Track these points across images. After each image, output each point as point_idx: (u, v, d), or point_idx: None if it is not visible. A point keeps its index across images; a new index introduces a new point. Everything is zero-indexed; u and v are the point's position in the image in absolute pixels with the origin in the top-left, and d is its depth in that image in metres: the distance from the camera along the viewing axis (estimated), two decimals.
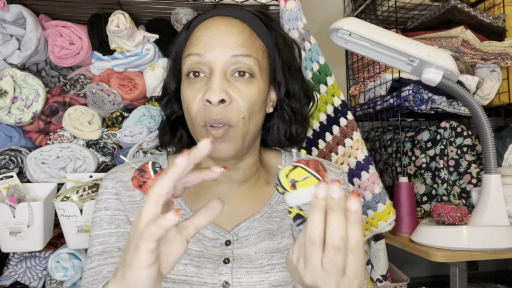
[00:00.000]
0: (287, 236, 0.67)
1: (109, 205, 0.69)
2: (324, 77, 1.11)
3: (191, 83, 0.64)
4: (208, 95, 0.60)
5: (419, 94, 1.25)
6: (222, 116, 0.61)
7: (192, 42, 0.66)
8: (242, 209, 0.70)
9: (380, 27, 0.96)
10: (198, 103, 0.63)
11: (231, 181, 0.71)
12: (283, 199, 0.70)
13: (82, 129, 1.13)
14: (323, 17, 1.65)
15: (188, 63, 0.65)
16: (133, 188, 0.69)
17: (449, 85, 0.94)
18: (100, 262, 0.65)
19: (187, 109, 0.65)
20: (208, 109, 0.62)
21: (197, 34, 0.65)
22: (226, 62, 0.63)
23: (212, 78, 0.62)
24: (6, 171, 1.09)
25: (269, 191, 0.73)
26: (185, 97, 0.65)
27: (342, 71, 1.77)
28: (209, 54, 0.63)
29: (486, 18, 1.38)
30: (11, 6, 1.07)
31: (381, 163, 1.56)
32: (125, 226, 0.68)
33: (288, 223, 0.69)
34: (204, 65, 0.63)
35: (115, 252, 0.66)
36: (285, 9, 1.11)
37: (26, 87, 1.10)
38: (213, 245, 0.67)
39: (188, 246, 0.64)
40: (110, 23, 1.08)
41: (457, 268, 1.00)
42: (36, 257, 1.17)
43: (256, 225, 0.68)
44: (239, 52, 0.63)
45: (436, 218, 1.06)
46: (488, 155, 0.99)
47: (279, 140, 0.73)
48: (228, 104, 0.62)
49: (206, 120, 0.62)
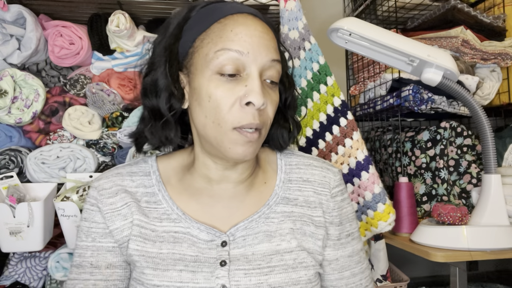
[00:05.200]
0: (287, 240, 0.66)
1: (88, 216, 0.68)
2: (324, 77, 1.11)
3: (223, 82, 0.60)
4: (253, 98, 0.59)
5: (419, 94, 1.25)
6: (260, 121, 0.61)
7: (228, 36, 0.60)
8: (238, 210, 0.68)
9: (380, 27, 0.96)
10: (233, 104, 0.59)
11: (228, 182, 0.69)
12: (281, 200, 0.69)
13: (82, 129, 1.13)
14: (323, 17, 1.65)
15: (223, 59, 0.60)
16: (115, 194, 0.67)
17: (449, 85, 0.94)
18: (76, 275, 0.67)
19: (215, 109, 0.60)
20: (245, 111, 0.59)
21: (235, 29, 0.61)
22: (265, 65, 0.61)
23: (253, 81, 0.60)
24: (6, 171, 1.09)
25: (266, 191, 0.71)
26: (216, 97, 0.60)
27: (342, 71, 1.77)
28: (251, 55, 0.60)
29: (486, 18, 1.38)
30: (11, 6, 1.07)
31: (381, 163, 1.56)
32: (101, 239, 0.67)
33: (289, 227, 0.67)
34: (242, 65, 0.60)
35: (88, 267, 0.66)
36: (285, 9, 1.11)
37: (26, 87, 1.10)
38: (209, 247, 0.65)
39: (183, 251, 0.64)
40: (110, 23, 1.08)
41: (457, 268, 1.00)
42: (36, 257, 1.17)
43: (254, 225, 0.67)
44: (276, 57, 0.63)
45: (436, 218, 1.06)
46: (488, 155, 0.99)
47: (281, 143, 0.73)
48: (264, 109, 0.62)
49: (243, 123, 0.59)
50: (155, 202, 0.68)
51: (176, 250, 0.64)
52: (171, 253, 0.64)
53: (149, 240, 0.65)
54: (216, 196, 0.68)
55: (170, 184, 0.70)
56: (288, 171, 0.73)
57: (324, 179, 0.72)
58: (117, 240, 0.67)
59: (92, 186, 0.70)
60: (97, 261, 0.67)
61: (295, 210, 0.69)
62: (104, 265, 0.66)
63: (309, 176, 0.72)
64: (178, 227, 0.66)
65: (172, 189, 0.69)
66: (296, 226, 0.67)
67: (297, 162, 0.74)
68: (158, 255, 0.64)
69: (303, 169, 0.73)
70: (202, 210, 0.67)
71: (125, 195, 0.67)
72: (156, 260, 0.63)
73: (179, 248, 0.64)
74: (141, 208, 0.67)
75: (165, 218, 0.66)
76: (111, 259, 0.67)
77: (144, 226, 0.66)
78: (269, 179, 0.72)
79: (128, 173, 0.70)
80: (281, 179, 0.71)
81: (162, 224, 0.66)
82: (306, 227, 0.68)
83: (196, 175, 0.69)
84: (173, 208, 0.67)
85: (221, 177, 0.68)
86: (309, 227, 0.68)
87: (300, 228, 0.67)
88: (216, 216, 0.67)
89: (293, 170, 0.73)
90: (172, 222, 0.66)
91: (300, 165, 0.73)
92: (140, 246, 0.65)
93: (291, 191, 0.71)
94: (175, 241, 0.65)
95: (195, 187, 0.69)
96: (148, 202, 0.68)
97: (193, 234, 0.65)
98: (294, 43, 1.13)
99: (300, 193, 0.71)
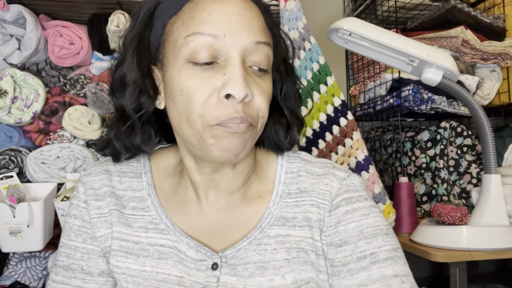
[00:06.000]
0: (281, 275, 0.55)
1: (78, 214, 0.61)
2: (324, 77, 1.11)
3: (196, 71, 0.50)
4: (232, 89, 0.48)
5: (419, 94, 1.25)
6: (245, 114, 0.50)
7: (201, 17, 0.50)
8: (227, 228, 0.59)
9: (380, 27, 0.96)
10: (209, 97, 0.49)
11: (217, 189, 0.59)
12: (276, 220, 0.58)
13: (82, 129, 1.13)
14: (323, 17, 1.65)
15: (195, 45, 0.49)
16: (103, 197, 0.60)
17: (449, 85, 0.94)
18: (64, 279, 0.59)
19: (187, 103, 0.50)
20: (224, 105, 0.49)
21: (208, 7, 0.50)
22: (247, 49, 0.50)
23: (233, 68, 0.49)
24: (6, 171, 1.09)
25: (260, 207, 0.59)
26: (188, 89, 0.50)
27: (342, 71, 1.77)
28: (229, 37, 0.49)
29: (486, 18, 1.38)
30: (11, 6, 1.07)
31: (381, 163, 1.56)
32: (92, 242, 0.60)
33: (283, 258, 0.56)
34: (219, 50, 0.49)
35: (78, 272, 0.59)
36: (285, 9, 1.11)
37: (26, 87, 1.10)
38: (197, 268, 0.56)
39: (168, 270, 0.57)
40: (110, 23, 1.08)
41: (457, 268, 1.00)
42: (36, 257, 1.17)
43: (243, 255, 0.56)
44: (261, 38, 0.52)
45: (436, 218, 1.06)
46: (488, 155, 0.99)
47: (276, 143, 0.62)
48: (249, 101, 0.50)
49: (222, 118, 0.49)
50: (142, 208, 0.60)
51: (161, 269, 0.57)
52: (154, 272, 0.57)
53: (131, 254, 0.58)
54: (203, 207, 0.60)
55: (161, 189, 0.61)
56: (288, 182, 0.60)
57: (326, 187, 0.58)
58: (102, 249, 0.60)
59: (80, 180, 0.62)
60: (89, 266, 0.59)
61: (292, 234, 0.57)
62: (97, 272, 0.59)
63: (307, 185, 0.59)
64: (165, 239, 0.58)
65: (162, 194, 0.61)
66: (291, 255, 0.56)
67: (299, 169, 0.61)
68: (140, 273, 0.57)
69: (303, 176, 0.60)
70: (189, 222, 0.59)
71: (111, 200, 0.60)
72: (137, 280, 0.57)
73: (164, 266, 0.57)
74: (125, 217, 0.60)
75: (151, 228, 0.59)
76: (103, 266, 0.60)
77: (125, 238, 0.59)
78: (264, 193, 0.60)
79: (117, 172, 0.62)
80: (278, 192, 0.60)
81: (148, 235, 0.58)
82: (305, 255, 0.57)
83: (184, 181, 0.61)
84: (162, 216, 0.59)
85: (208, 184, 0.58)
86: (309, 255, 0.57)
87: (297, 256, 0.56)
88: (204, 232, 0.58)
89: (294, 180, 0.61)
90: (159, 233, 0.58)
91: (301, 172, 0.61)
92: (121, 262, 0.58)
93: (290, 207, 0.59)
94: (160, 257, 0.57)
95: (183, 195, 0.61)
96: (135, 208, 0.60)
97: (180, 249, 0.57)
98: (294, 43, 1.13)
99: (299, 209, 0.58)
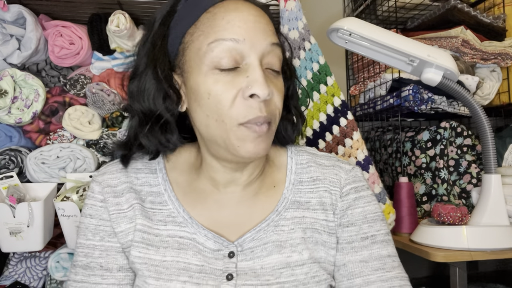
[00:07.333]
0: (298, 251, 0.61)
1: (94, 213, 0.64)
2: (324, 77, 1.11)
3: (221, 76, 0.55)
4: (257, 89, 0.53)
5: (419, 94, 1.25)
6: (268, 113, 0.56)
7: (220, 25, 0.55)
8: (246, 217, 0.63)
9: (380, 27, 0.96)
10: (235, 97, 0.54)
11: (236, 184, 0.64)
12: (291, 204, 0.64)
13: (82, 129, 1.13)
14: (323, 17, 1.65)
15: (218, 51, 0.54)
16: (121, 194, 0.64)
17: (449, 85, 0.94)
18: (84, 277, 0.62)
19: (216, 105, 0.55)
20: (250, 103, 0.54)
21: (227, 16, 0.55)
22: (264, 51, 0.56)
23: (254, 70, 0.55)
24: (6, 171, 1.09)
25: (275, 195, 0.65)
26: (216, 92, 0.55)
27: (342, 71, 1.77)
28: (248, 41, 0.55)
29: (486, 18, 1.38)
30: (11, 6, 1.07)
31: (381, 163, 1.56)
32: (110, 239, 0.63)
33: (300, 236, 0.62)
34: (240, 54, 0.55)
35: (97, 269, 0.62)
36: (285, 9, 1.11)
37: (26, 87, 1.10)
38: (215, 257, 0.60)
39: (188, 259, 0.60)
40: (110, 23, 1.08)
41: (457, 268, 1.00)
42: (36, 257, 1.17)
43: (262, 235, 0.62)
44: (275, 40, 0.58)
45: (436, 218, 1.06)
46: (488, 155, 0.99)
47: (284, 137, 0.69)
48: (270, 100, 0.56)
49: (249, 117, 0.54)
50: (160, 202, 0.64)
51: (181, 258, 0.60)
52: (175, 261, 0.60)
53: (152, 246, 0.61)
54: (222, 201, 0.64)
55: (177, 184, 0.65)
56: (299, 171, 0.67)
57: (336, 177, 0.66)
58: (122, 244, 0.63)
59: (95, 180, 0.65)
60: (107, 262, 0.62)
61: (307, 215, 0.64)
62: (115, 268, 0.62)
63: (319, 174, 0.67)
64: (184, 231, 0.62)
65: (178, 189, 0.65)
66: (306, 235, 0.62)
67: (308, 160, 0.68)
68: (161, 263, 0.60)
69: (314, 167, 0.68)
70: (208, 215, 0.63)
71: (130, 196, 0.64)
72: (159, 269, 0.60)
73: (184, 255, 0.60)
74: (145, 210, 0.63)
75: (170, 221, 0.62)
76: (122, 261, 0.63)
77: (147, 231, 0.62)
78: (278, 182, 0.67)
79: (132, 169, 0.66)
80: (290, 180, 0.66)
81: (167, 228, 0.62)
82: (318, 236, 0.63)
83: (202, 177, 0.65)
84: (179, 210, 0.63)
85: (229, 180, 0.64)
86: (321, 235, 0.63)
87: (311, 236, 0.63)
88: (222, 223, 0.63)
89: (304, 170, 0.68)
90: (177, 226, 0.62)
91: (311, 163, 0.68)
92: (143, 253, 0.61)
93: (303, 193, 0.66)
94: (179, 248, 0.61)
95: (201, 189, 0.65)
96: (153, 202, 0.64)
97: (199, 241, 0.61)
98: (294, 43, 1.13)
99: (313, 194, 0.65)
